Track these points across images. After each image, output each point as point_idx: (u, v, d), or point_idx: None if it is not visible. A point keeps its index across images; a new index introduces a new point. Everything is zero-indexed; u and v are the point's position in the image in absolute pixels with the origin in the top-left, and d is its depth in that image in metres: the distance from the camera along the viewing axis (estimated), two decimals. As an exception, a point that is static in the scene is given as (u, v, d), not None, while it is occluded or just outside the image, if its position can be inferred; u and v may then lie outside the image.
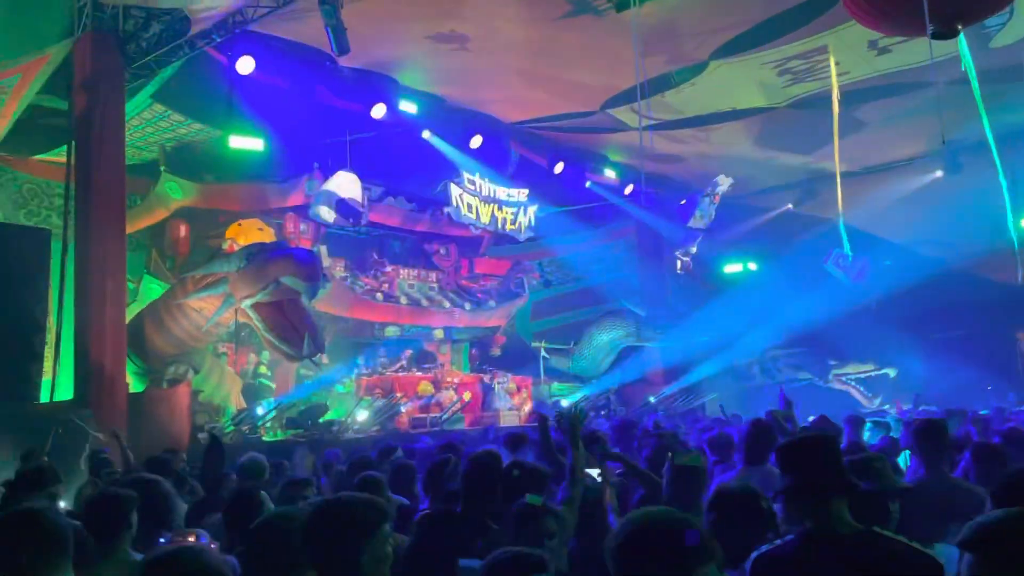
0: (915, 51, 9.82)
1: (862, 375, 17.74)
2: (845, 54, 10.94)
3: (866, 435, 6.98)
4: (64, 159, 10.13)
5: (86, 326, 9.11)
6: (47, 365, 9.39)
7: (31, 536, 2.21)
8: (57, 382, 9.67)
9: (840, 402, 15.73)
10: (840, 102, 11.13)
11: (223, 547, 3.10)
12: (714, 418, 10.76)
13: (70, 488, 6.34)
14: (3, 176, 12.01)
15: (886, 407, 15.65)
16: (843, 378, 18.05)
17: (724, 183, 15.13)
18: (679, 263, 16.59)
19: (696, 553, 1.81)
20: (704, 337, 16.00)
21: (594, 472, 4.07)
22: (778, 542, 2.49)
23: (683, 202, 15.92)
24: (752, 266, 18.14)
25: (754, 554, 2.46)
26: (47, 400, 9.26)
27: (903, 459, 5.46)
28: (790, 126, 13.28)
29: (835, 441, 2.78)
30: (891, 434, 6.89)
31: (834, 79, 11.03)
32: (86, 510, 3.25)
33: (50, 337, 9.37)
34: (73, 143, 9.74)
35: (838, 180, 11.77)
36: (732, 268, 18.19)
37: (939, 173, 14.30)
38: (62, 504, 3.64)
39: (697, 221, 15.54)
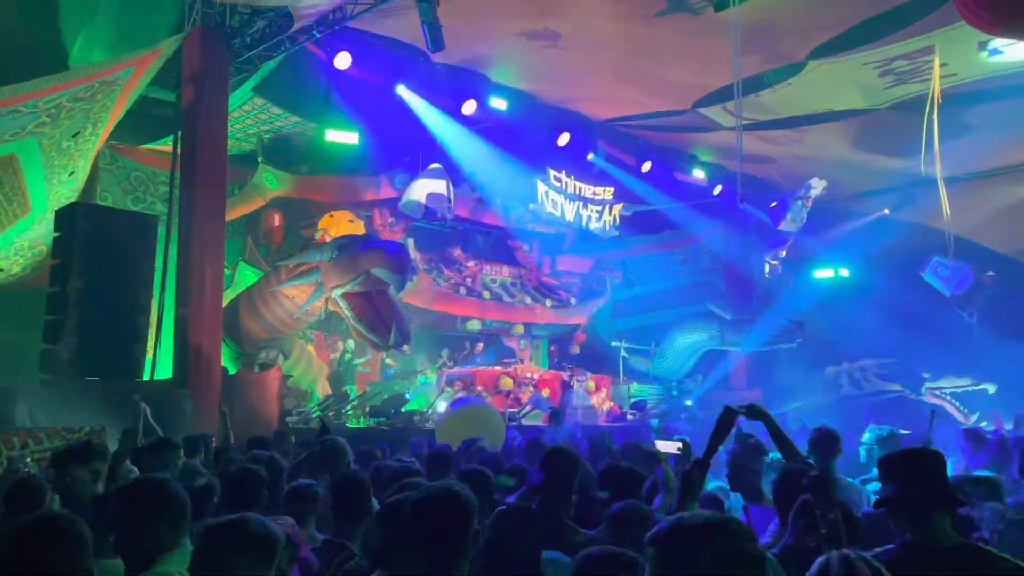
0: (1030, 52, 9.36)
1: (958, 390, 16.95)
2: (953, 55, 10.48)
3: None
4: (170, 148, 10.60)
5: (186, 309, 9.51)
6: (149, 345, 9.84)
7: (155, 501, 2.42)
8: (157, 362, 10.14)
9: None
10: (945, 104, 10.66)
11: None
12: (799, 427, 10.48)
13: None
14: (113, 164, 12.60)
15: (983, 424, 14.94)
16: (937, 392, 17.28)
17: (818, 186, 14.68)
18: (767, 266, 16.21)
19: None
20: (790, 344, 15.60)
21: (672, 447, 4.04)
22: (877, 550, 2.45)
23: (774, 204, 15.53)
24: (844, 272, 17.55)
25: None
26: (148, 378, 9.69)
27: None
28: (890, 129, 12.79)
29: (940, 455, 2.71)
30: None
31: (935, 80, 10.57)
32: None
33: (152, 318, 9.81)
34: (179, 133, 10.18)
35: (940, 185, 11.28)
36: (823, 273, 17.64)
37: (1050, 180, 13.58)
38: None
39: (788, 224, 15.14)
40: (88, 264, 8.54)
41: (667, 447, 3.98)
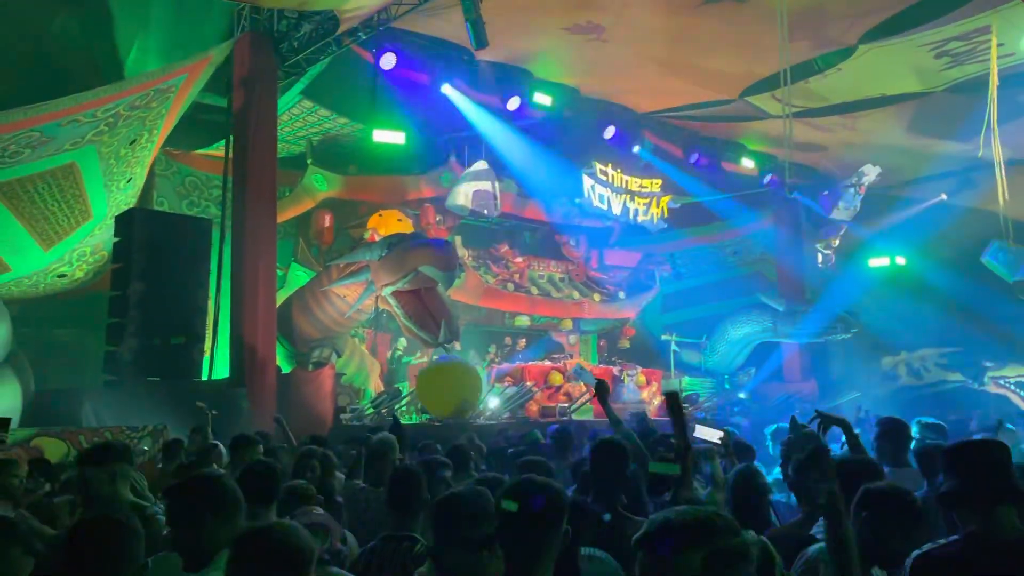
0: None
1: (1023, 378, 16.45)
2: (1011, 34, 10.14)
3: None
4: (222, 153, 10.84)
5: (240, 310, 9.73)
6: (206, 346, 10.10)
7: (210, 496, 2.44)
8: (215, 362, 10.39)
9: (996, 407, 14.68)
10: (1003, 85, 10.32)
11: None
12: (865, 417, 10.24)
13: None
14: (168, 169, 12.94)
15: (1050, 414, 14.46)
16: (1000, 381, 16.79)
17: (871, 173, 14.34)
18: (820, 256, 15.91)
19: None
20: (846, 335, 15.29)
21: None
22: (941, 542, 2.44)
23: (826, 193, 15.22)
24: (900, 260, 17.13)
25: (915, 553, 2.42)
26: (206, 378, 9.94)
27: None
28: (947, 112, 12.42)
29: (1005, 446, 2.66)
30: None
31: (994, 60, 10.25)
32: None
33: (209, 320, 10.06)
34: (231, 138, 10.40)
35: (998, 168, 10.92)
36: (878, 262, 17.23)
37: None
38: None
39: (840, 212, 14.83)
40: (147, 268, 8.81)
41: (708, 434, 3.96)
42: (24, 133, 8.32)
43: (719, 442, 3.73)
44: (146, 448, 7.06)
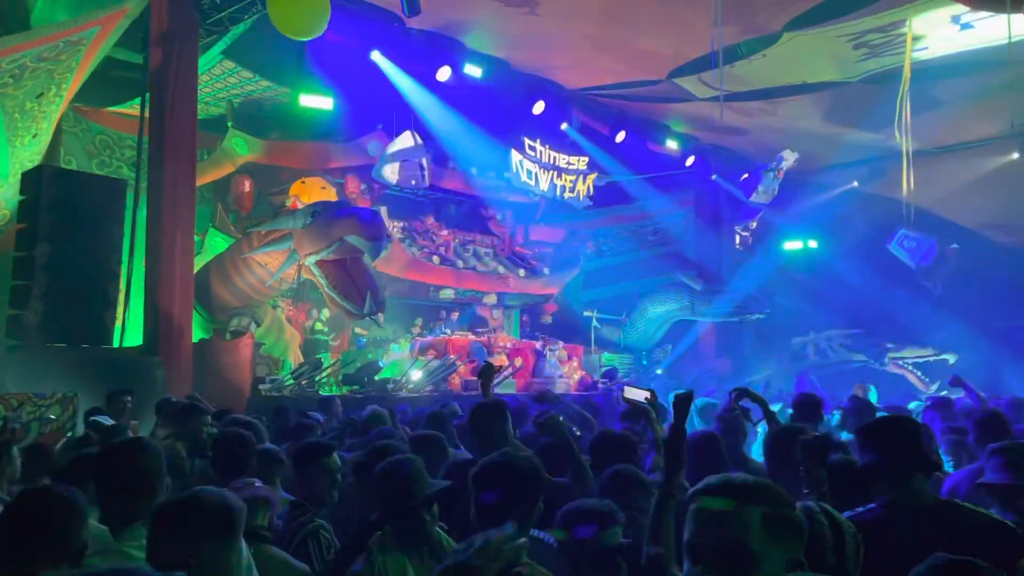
0: (999, 28, 9.46)
1: (920, 359, 17.34)
2: (926, 29, 10.58)
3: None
4: (136, 111, 10.36)
5: (156, 276, 9.38)
6: (118, 312, 9.69)
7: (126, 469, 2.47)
8: (127, 329, 9.99)
9: (895, 386, 15.47)
10: (916, 78, 10.78)
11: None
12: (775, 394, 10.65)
13: (144, 431, 6.62)
14: (78, 126, 12.30)
15: (943, 393, 15.32)
16: (900, 362, 17.67)
17: (789, 158, 14.82)
18: (738, 237, 16.37)
19: None
20: (759, 315, 15.82)
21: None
22: (860, 509, 2.57)
23: (746, 176, 15.64)
24: (812, 244, 17.80)
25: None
26: (118, 345, 9.56)
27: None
28: (862, 102, 12.91)
29: (915, 422, 2.87)
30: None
31: (908, 53, 10.68)
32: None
33: (122, 285, 9.66)
34: (147, 96, 9.94)
35: (904, 158, 11.43)
36: (792, 245, 17.87)
37: (1015, 155, 13.82)
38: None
39: (760, 196, 15.28)
40: (55, 229, 8.36)
41: (635, 394, 4.07)
42: (-81, 81, 7.78)
43: (646, 402, 3.80)
44: (53, 416, 6.75)
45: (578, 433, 4.34)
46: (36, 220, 8.35)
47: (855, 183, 16.70)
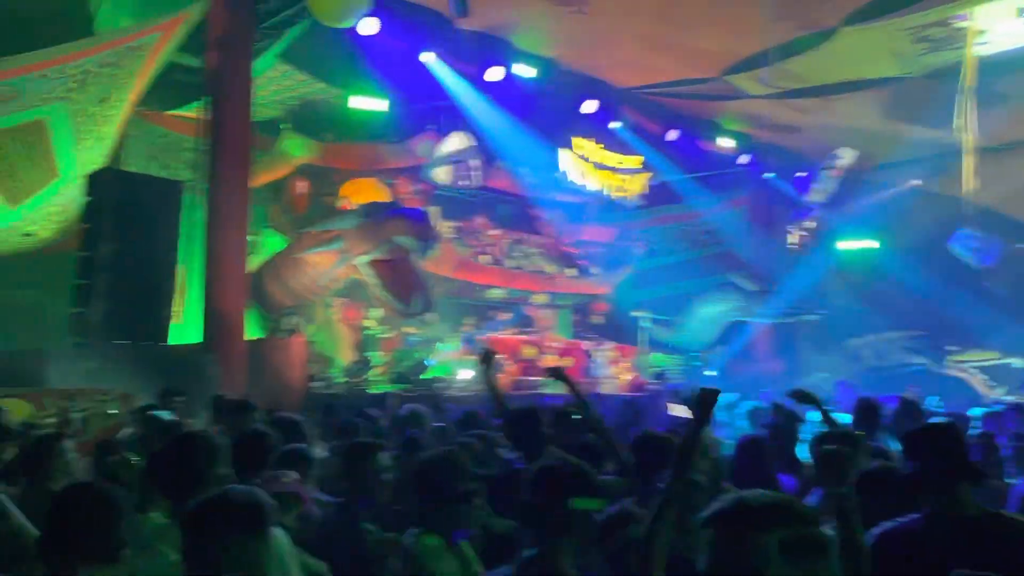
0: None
1: (984, 363, 16.79)
2: (990, 22, 10.22)
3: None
4: (195, 114, 10.62)
5: (212, 275, 9.61)
6: (176, 310, 9.95)
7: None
8: (184, 326, 10.26)
9: (957, 390, 15.02)
10: (979, 73, 10.43)
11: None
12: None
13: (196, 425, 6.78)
14: (139, 129, 12.63)
15: (1010, 398, 14.81)
16: (962, 365, 17.14)
17: (847, 156, 14.47)
18: (793, 237, 16.05)
19: None
20: (814, 316, 15.50)
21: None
22: (902, 520, 2.50)
23: (801, 175, 15.33)
24: (871, 244, 17.35)
25: (877, 530, 2.46)
26: (176, 343, 9.82)
27: None
28: (923, 97, 12.52)
29: (959, 429, 2.79)
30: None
31: (969, 47, 10.34)
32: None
33: (179, 284, 9.91)
34: (205, 99, 10.19)
35: (966, 155, 11.07)
36: (849, 245, 17.45)
37: (1087, 151, 13.27)
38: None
39: (815, 195, 14.96)
40: (117, 229, 8.63)
41: (680, 411, 4.01)
42: (-9, 87, 8.10)
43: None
44: (115, 411, 6.97)
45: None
46: (99, 221, 8.63)
47: (917, 182, 16.22)
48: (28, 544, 2.27)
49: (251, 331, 10.72)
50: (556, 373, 4.69)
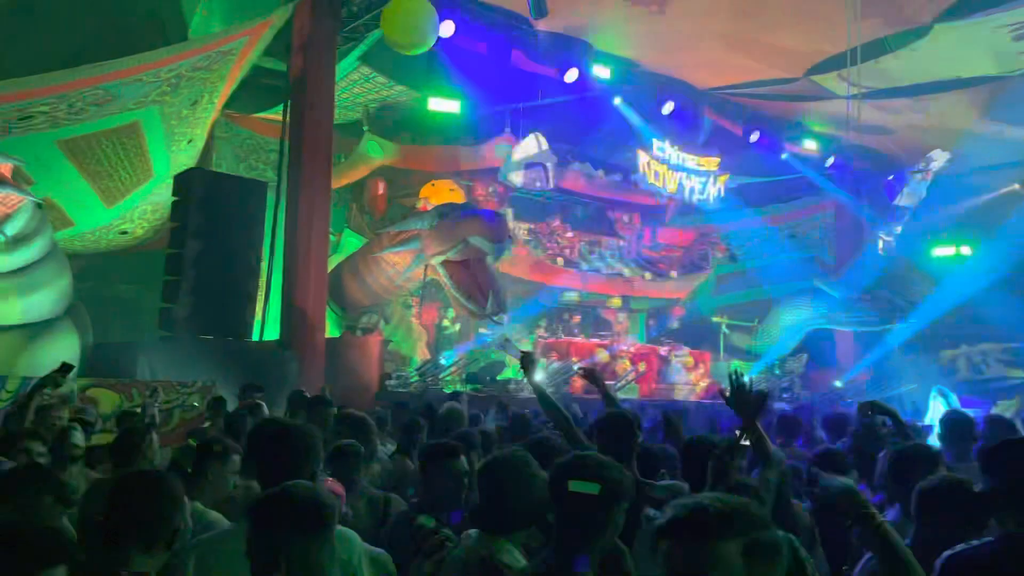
0: None
1: (1089, 378, 15.81)
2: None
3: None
4: (280, 117, 10.94)
5: (293, 274, 9.87)
6: (258, 307, 10.27)
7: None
8: (266, 323, 10.57)
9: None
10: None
11: None
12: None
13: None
14: (228, 132, 13.10)
15: (1117, 417, 13.89)
16: (1065, 380, 16.16)
17: (939, 159, 13.85)
18: (881, 243, 15.46)
19: None
20: (905, 324, 14.88)
21: None
22: (975, 543, 2.30)
23: (891, 178, 14.75)
24: (965, 250, 16.56)
25: (946, 553, 2.28)
26: (258, 339, 10.12)
27: None
28: (1023, 97, 11.91)
29: None
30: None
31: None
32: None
33: (262, 281, 10.22)
34: (288, 102, 10.48)
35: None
36: (943, 251, 16.70)
37: None
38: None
39: (905, 199, 14.38)
40: (203, 227, 8.97)
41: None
42: (89, 91, 8.50)
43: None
44: (196, 404, 7.23)
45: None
46: (187, 219, 8.98)
47: (1016, 186, 15.39)
48: None
49: (329, 329, 10.97)
50: (588, 374, 4.70)
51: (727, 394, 3.17)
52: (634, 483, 2.44)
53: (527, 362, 4.25)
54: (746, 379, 3.11)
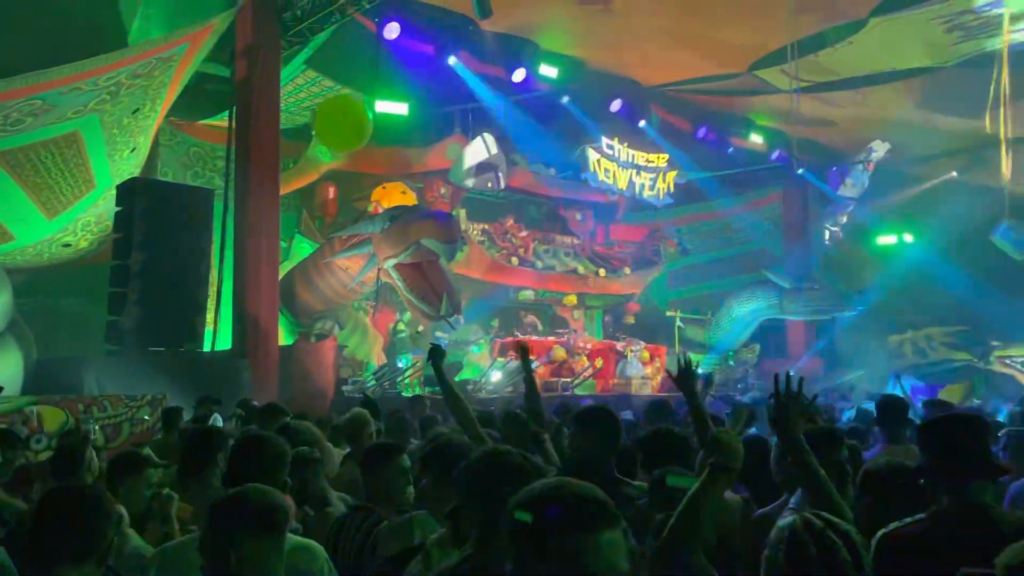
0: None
1: (1030, 358, 16.37)
2: (1025, 7, 9.99)
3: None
4: (225, 123, 10.78)
5: (243, 281, 9.73)
6: (209, 317, 10.10)
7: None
8: (218, 333, 10.41)
9: (1002, 386, 14.65)
10: (1016, 61, 10.17)
11: None
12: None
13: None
14: (173, 140, 12.86)
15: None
16: (1007, 360, 16.71)
17: (880, 149, 14.22)
18: (827, 233, 15.80)
19: None
20: (852, 312, 15.23)
21: None
22: (908, 520, 2.34)
23: (834, 169, 15.10)
24: (908, 238, 17.02)
25: (880, 532, 2.31)
26: (209, 349, 9.96)
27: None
28: (958, 87, 12.25)
29: (981, 421, 2.56)
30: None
31: (1005, 34, 10.08)
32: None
33: (212, 291, 10.05)
34: (234, 108, 10.33)
35: (1003, 145, 10.79)
36: (886, 240, 17.14)
37: None
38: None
39: (848, 189, 14.73)
40: (149, 238, 8.77)
41: None
42: (26, 101, 8.26)
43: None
44: (146, 417, 7.08)
45: None
46: (131, 229, 8.78)
47: (953, 173, 15.87)
48: None
49: (283, 336, 10.84)
50: (521, 350, 4.53)
51: (674, 375, 3.26)
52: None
53: (434, 354, 4.13)
54: (693, 364, 3.23)
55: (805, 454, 2.48)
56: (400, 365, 11.46)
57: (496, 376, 11.74)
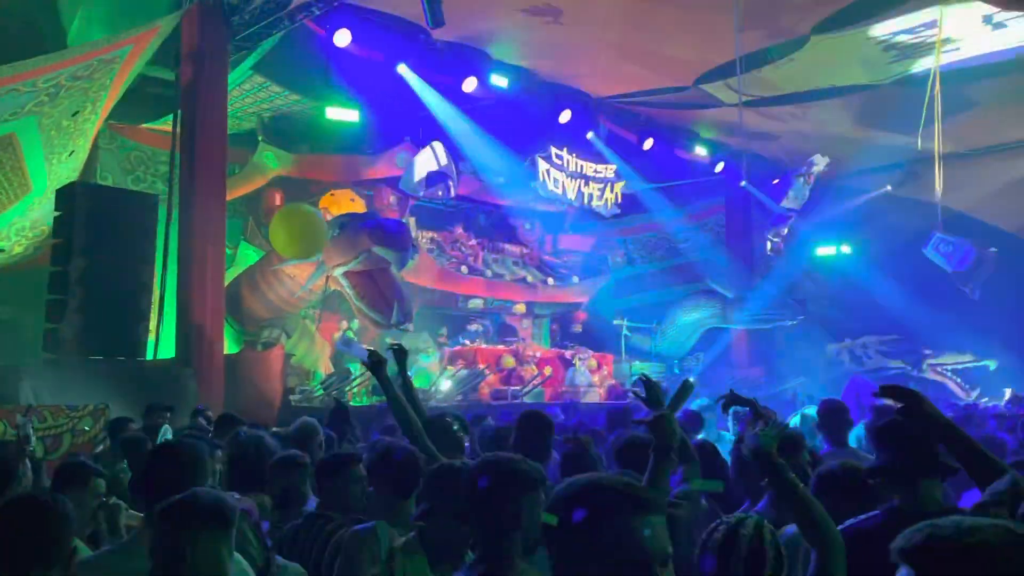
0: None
1: (959, 366, 16.98)
2: (957, 29, 10.40)
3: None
4: (169, 128, 10.57)
5: (188, 288, 9.52)
6: (152, 324, 9.86)
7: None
8: (160, 341, 10.17)
9: (934, 394, 15.15)
10: (948, 80, 10.60)
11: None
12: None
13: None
14: (113, 143, 12.55)
15: (984, 400, 14.98)
16: (939, 368, 17.33)
17: (820, 163, 14.64)
18: (769, 244, 16.18)
19: None
20: (792, 321, 15.61)
21: None
22: (862, 517, 2.45)
23: (776, 182, 15.49)
24: (846, 249, 17.54)
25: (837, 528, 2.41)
26: (151, 357, 9.72)
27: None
28: (893, 104, 12.68)
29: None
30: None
31: (938, 54, 10.51)
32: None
33: (155, 298, 9.82)
34: (179, 112, 10.12)
35: (937, 161, 11.23)
36: (825, 251, 17.63)
37: (1054, 156, 13.50)
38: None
39: (790, 201, 15.11)
40: (89, 243, 8.54)
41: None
42: (-41, 102, 8.00)
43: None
44: (87, 428, 6.88)
45: None
46: (71, 235, 8.53)
47: (888, 187, 16.42)
48: None
49: (228, 345, 10.65)
50: (397, 351, 4.57)
51: (641, 394, 3.32)
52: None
53: (373, 362, 4.11)
54: (654, 378, 3.34)
55: (788, 479, 2.54)
56: (353, 373, 11.35)
57: (446, 384, 11.71)
